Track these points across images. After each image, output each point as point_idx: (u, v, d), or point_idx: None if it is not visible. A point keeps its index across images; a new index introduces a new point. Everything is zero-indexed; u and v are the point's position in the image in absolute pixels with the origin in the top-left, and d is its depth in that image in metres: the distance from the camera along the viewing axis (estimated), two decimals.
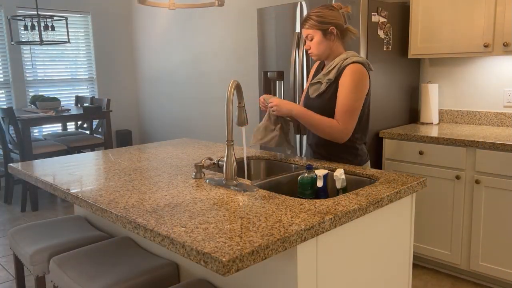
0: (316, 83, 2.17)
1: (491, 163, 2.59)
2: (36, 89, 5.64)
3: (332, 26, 2.07)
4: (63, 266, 1.78)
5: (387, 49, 3.08)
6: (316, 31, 2.08)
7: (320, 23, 2.07)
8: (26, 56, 5.51)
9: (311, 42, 2.11)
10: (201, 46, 5.26)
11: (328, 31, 2.07)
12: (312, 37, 2.10)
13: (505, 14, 2.69)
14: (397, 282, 1.78)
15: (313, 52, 2.14)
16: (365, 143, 2.27)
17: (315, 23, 2.07)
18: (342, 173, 1.77)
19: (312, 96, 2.17)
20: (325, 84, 2.11)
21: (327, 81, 2.11)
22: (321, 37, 2.09)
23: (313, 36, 2.10)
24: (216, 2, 2.65)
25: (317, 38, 2.09)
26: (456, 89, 3.31)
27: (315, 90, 2.16)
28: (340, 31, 2.10)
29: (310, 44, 2.12)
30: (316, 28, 2.08)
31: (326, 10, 2.09)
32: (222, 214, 1.41)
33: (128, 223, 1.41)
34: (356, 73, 2.05)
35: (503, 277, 2.64)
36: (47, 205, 4.76)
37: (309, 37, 2.11)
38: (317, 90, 2.15)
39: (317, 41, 2.09)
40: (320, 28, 2.07)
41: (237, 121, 1.86)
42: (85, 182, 1.86)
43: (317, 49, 2.12)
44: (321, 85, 2.13)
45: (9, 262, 3.36)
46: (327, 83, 2.11)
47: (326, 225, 1.35)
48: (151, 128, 6.36)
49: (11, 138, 4.47)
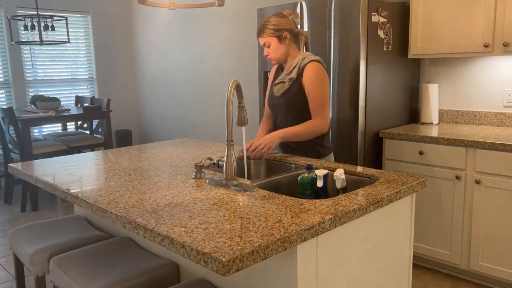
0: (279, 83, 2.37)
1: (491, 163, 2.59)
2: (36, 89, 5.64)
3: (286, 31, 2.29)
4: (63, 266, 1.78)
5: (387, 49, 3.08)
6: (272, 38, 2.29)
7: (275, 30, 2.28)
8: (26, 56, 5.51)
9: (269, 48, 2.32)
10: (201, 46, 5.26)
11: (283, 37, 2.29)
12: (269, 44, 2.30)
13: (505, 14, 2.69)
14: (397, 282, 1.78)
15: (272, 56, 2.34)
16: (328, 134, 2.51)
17: (271, 31, 2.29)
18: (342, 173, 1.77)
19: (277, 94, 2.38)
20: (288, 82, 2.32)
21: (289, 79, 2.32)
22: (277, 43, 2.30)
23: (270, 43, 2.30)
24: (216, 2, 2.65)
25: (273, 44, 2.30)
26: (456, 89, 3.31)
27: (280, 89, 2.37)
28: (292, 35, 2.32)
29: (269, 50, 2.32)
30: (271, 35, 2.29)
31: (278, 18, 2.31)
32: (222, 214, 1.41)
33: (128, 223, 1.41)
34: (317, 70, 2.29)
35: (503, 277, 2.64)
36: (47, 205, 4.76)
37: (267, 44, 2.31)
38: (282, 89, 2.35)
39: (274, 46, 2.31)
40: (275, 35, 2.29)
41: (237, 121, 1.86)
42: (85, 182, 1.86)
43: (275, 54, 2.33)
44: (285, 84, 2.34)
45: (9, 262, 3.36)
46: (290, 81, 2.32)
47: (326, 225, 1.35)
48: (151, 128, 6.36)
49: (11, 138, 4.47)
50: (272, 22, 2.29)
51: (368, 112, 3.01)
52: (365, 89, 2.96)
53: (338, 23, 2.95)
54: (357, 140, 2.98)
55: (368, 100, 2.99)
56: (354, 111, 2.96)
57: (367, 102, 2.98)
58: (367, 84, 2.96)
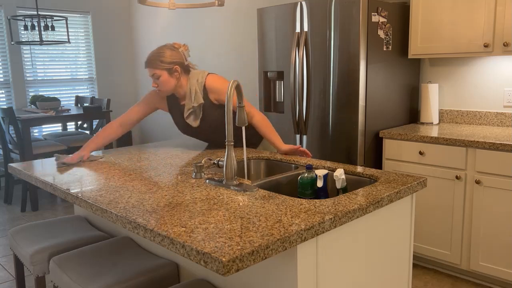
0: (190, 114, 2.38)
1: (491, 163, 2.59)
2: (36, 89, 5.64)
3: (176, 65, 2.29)
4: (63, 266, 1.78)
5: (387, 49, 3.08)
6: (162, 70, 2.27)
7: (166, 63, 2.27)
8: (26, 56, 5.51)
9: (158, 80, 2.28)
10: (201, 46, 5.26)
11: (173, 69, 2.28)
12: (159, 76, 2.27)
13: (505, 14, 2.69)
14: (397, 282, 1.78)
15: (162, 89, 2.32)
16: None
17: (160, 64, 2.26)
18: (342, 173, 1.77)
19: (195, 125, 2.40)
20: (199, 109, 2.36)
21: (199, 105, 2.35)
22: (167, 76, 2.29)
23: (159, 76, 2.27)
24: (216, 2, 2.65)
25: (164, 77, 2.28)
26: (456, 89, 3.31)
27: (194, 119, 2.39)
28: (183, 68, 2.33)
29: (158, 82, 2.29)
30: (161, 68, 2.26)
31: (168, 50, 2.29)
32: (222, 214, 1.41)
33: (128, 223, 1.41)
34: (217, 80, 2.35)
35: (503, 277, 2.64)
36: (47, 205, 4.76)
37: (155, 76, 2.27)
38: (196, 118, 2.38)
39: (164, 80, 2.28)
40: (165, 68, 2.27)
41: (237, 121, 1.86)
42: (85, 182, 1.86)
43: (165, 87, 2.31)
44: (196, 112, 2.37)
45: (9, 262, 3.36)
46: (200, 107, 2.35)
47: (326, 225, 1.35)
48: (151, 128, 6.36)
49: (11, 138, 4.47)
50: (160, 54, 2.26)
51: (368, 112, 3.01)
52: (365, 89, 2.96)
53: (338, 23, 2.95)
54: (357, 140, 2.98)
55: (368, 100, 2.99)
56: (354, 111, 2.96)
57: (367, 102, 2.98)
58: (367, 84, 2.96)
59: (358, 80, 2.91)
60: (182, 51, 2.32)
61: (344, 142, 3.05)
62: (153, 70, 2.26)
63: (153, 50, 2.30)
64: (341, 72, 2.99)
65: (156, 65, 2.25)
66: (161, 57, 2.26)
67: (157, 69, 2.25)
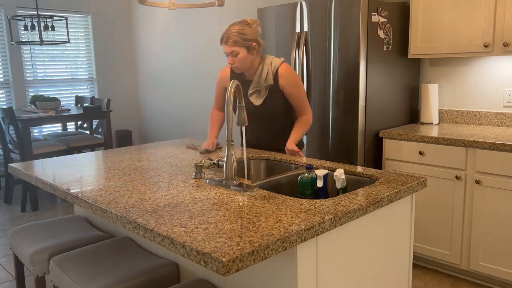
0: (255, 91, 2.36)
1: (491, 163, 2.59)
2: (36, 89, 5.64)
3: (254, 42, 2.26)
4: (63, 266, 1.78)
5: (387, 49, 3.08)
6: (241, 48, 2.24)
7: (244, 40, 2.23)
8: (26, 56, 5.51)
9: (236, 57, 2.26)
10: (201, 46, 5.26)
11: (252, 47, 2.26)
12: (238, 53, 2.25)
13: (505, 14, 2.69)
14: (397, 282, 1.78)
15: (238, 66, 2.30)
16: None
17: (240, 40, 2.22)
18: (342, 173, 1.77)
19: (257, 104, 2.37)
20: (265, 90, 2.34)
21: (266, 86, 2.33)
22: (246, 53, 2.26)
23: (238, 52, 2.24)
24: (216, 2, 2.64)
25: (242, 54, 2.26)
26: (456, 89, 3.31)
27: (257, 98, 2.37)
28: (259, 46, 2.31)
29: (235, 59, 2.27)
30: (240, 45, 2.23)
31: (246, 27, 2.25)
32: (222, 214, 1.41)
33: (128, 223, 1.41)
34: (290, 70, 2.36)
35: (503, 277, 2.64)
36: (47, 205, 4.76)
37: (234, 53, 2.25)
38: (260, 97, 2.36)
39: (243, 57, 2.26)
40: (244, 45, 2.24)
41: (237, 121, 1.86)
42: (85, 182, 1.86)
43: (242, 64, 2.29)
44: (261, 92, 2.35)
45: (9, 262, 3.36)
46: (267, 88, 2.34)
47: (326, 225, 1.35)
48: (151, 128, 6.36)
49: (11, 138, 4.47)
50: (241, 31, 2.23)
51: (368, 112, 3.01)
52: (365, 89, 2.96)
53: (338, 23, 2.95)
54: (357, 140, 2.98)
55: (368, 100, 2.99)
56: (354, 111, 2.96)
57: (367, 102, 2.98)
58: (367, 84, 2.96)
59: (358, 80, 2.91)
60: (256, 27, 2.29)
61: (344, 142, 3.05)
62: (233, 47, 2.23)
63: (230, 26, 2.25)
64: (341, 72, 2.99)
65: (237, 42, 2.22)
66: (242, 34, 2.22)
67: (237, 46, 2.22)
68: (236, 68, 2.32)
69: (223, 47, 2.27)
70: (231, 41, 2.22)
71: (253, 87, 2.36)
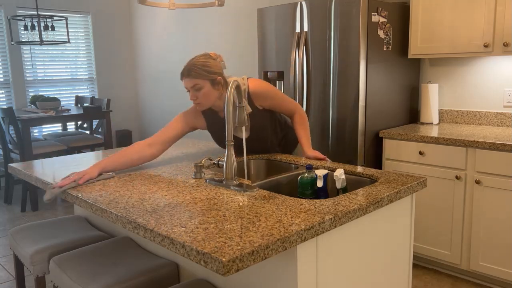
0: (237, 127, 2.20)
1: (491, 163, 2.59)
2: (36, 89, 5.64)
3: (219, 76, 2.06)
4: (63, 266, 1.78)
5: (387, 49, 3.08)
6: (204, 81, 2.03)
7: (208, 73, 2.03)
8: (26, 56, 5.51)
9: (199, 92, 2.05)
10: (201, 46, 5.26)
11: (217, 81, 2.06)
12: (201, 87, 2.03)
13: (505, 14, 2.69)
14: (397, 282, 1.78)
15: (202, 102, 2.07)
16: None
17: (203, 73, 2.02)
18: (342, 173, 1.77)
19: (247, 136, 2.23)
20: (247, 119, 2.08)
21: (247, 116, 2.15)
22: (211, 88, 2.05)
23: (202, 86, 2.03)
24: (216, 2, 2.65)
25: (206, 88, 2.04)
26: (456, 89, 3.31)
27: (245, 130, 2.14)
28: (224, 81, 2.10)
29: (198, 94, 2.05)
30: (204, 78, 2.03)
31: (210, 60, 2.06)
32: (222, 214, 1.41)
33: (128, 223, 1.41)
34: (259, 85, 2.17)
35: (503, 277, 2.64)
36: (47, 205, 4.76)
37: (197, 87, 2.03)
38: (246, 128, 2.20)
39: (207, 91, 2.05)
40: (208, 78, 2.04)
41: (237, 121, 1.86)
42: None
43: (206, 100, 2.07)
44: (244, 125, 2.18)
45: (9, 262, 3.36)
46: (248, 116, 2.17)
47: (326, 225, 1.35)
48: (151, 128, 6.36)
49: (11, 138, 4.47)
50: (204, 63, 2.04)
51: (368, 112, 3.01)
52: (365, 89, 2.96)
53: (338, 23, 2.95)
54: (357, 140, 2.98)
55: (368, 100, 2.99)
56: (354, 111, 2.96)
57: (367, 102, 2.98)
58: (367, 84, 2.96)
59: (358, 80, 2.91)
60: (220, 61, 2.12)
61: (344, 142, 3.05)
62: (195, 80, 2.02)
63: (192, 59, 2.07)
64: (341, 72, 2.99)
65: (200, 75, 2.02)
66: (205, 66, 2.03)
67: (200, 79, 2.02)
68: (199, 105, 2.09)
69: (184, 81, 2.06)
70: (193, 74, 2.02)
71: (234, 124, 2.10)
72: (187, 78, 2.04)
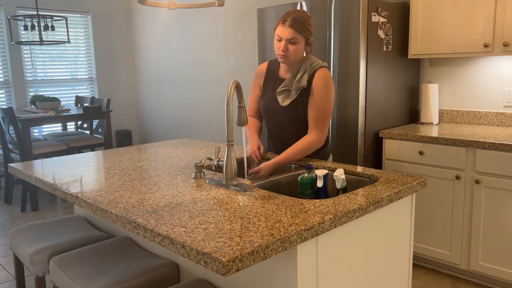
0: (284, 90, 2.11)
1: (491, 163, 2.59)
2: (36, 89, 5.64)
3: (312, 38, 2.03)
4: (63, 266, 1.78)
5: (387, 49, 3.09)
6: (302, 38, 1.97)
7: (309, 32, 1.97)
8: (26, 56, 5.51)
9: (293, 46, 1.96)
10: (201, 46, 5.26)
11: (309, 42, 2.02)
12: (297, 42, 1.95)
13: (505, 14, 2.69)
14: (397, 282, 1.78)
15: (289, 56, 2.00)
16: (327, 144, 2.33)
17: (306, 30, 1.94)
18: (342, 173, 1.77)
19: (284, 104, 2.12)
20: (296, 91, 2.07)
21: (297, 88, 2.06)
22: (303, 45, 2.00)
23: (298, 41, 1.95)
24: (216, 2, 2.64)
25: (300, 45, 1.98)
26: (456, 89, 3.31)
27: (285, 98, 2.10)
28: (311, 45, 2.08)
29: (290, 47, 1.96)
30: (303, 34, 1.96)
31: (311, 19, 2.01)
32: (222, 214, 1.41)
33: (128, 223, 1.41)
34: (327, 79, 2.05)
35: (503, 277, 2.64)
36: (47, 205, 4.76)
37: (294, 40, 1.95)
38: (288, 98, 2.10)
39: (299, 48, 1.98)
40: (306, 36, 1.98)
41: (237, 121, 1.86)
42: (85, 182, 1.86)
43: (295, 56, 2.01)
44: (291, 92, 2.09)
45: (9, 262, 3.36)
46: (298, 90, 2.07)
47: (326, 225, 1.35)
48: (151, 128, 6.36)
49: (11, 138, 4.47)
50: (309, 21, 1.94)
51: (368, 112, 3.01)
52: (365, 89, 2.96)
53: (338, 23, 2.95)
54: (357, 140, 2.98)
55: (368, 100, 2.99)
56: (354, 111, 2.96)
57: (367, 102, 2.98)
58: (367, 84, 2.96)
59: (358, 80, 2.91)
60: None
61: (344, 142, 3.04)
62: (296, 33, 1.92)
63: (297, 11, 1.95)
64: (341, 72, 2.99)
65: (303, 31, 1.93)
66: (309, 24, 1.94)
67: (300, 34, 1.93)
68: (284, 58, 1.99)
69: (283, 30, 1.93)
70: (297, 26, 1.90)
71: (283, 86, 2.10)
72: (289, 28, 1.92)
